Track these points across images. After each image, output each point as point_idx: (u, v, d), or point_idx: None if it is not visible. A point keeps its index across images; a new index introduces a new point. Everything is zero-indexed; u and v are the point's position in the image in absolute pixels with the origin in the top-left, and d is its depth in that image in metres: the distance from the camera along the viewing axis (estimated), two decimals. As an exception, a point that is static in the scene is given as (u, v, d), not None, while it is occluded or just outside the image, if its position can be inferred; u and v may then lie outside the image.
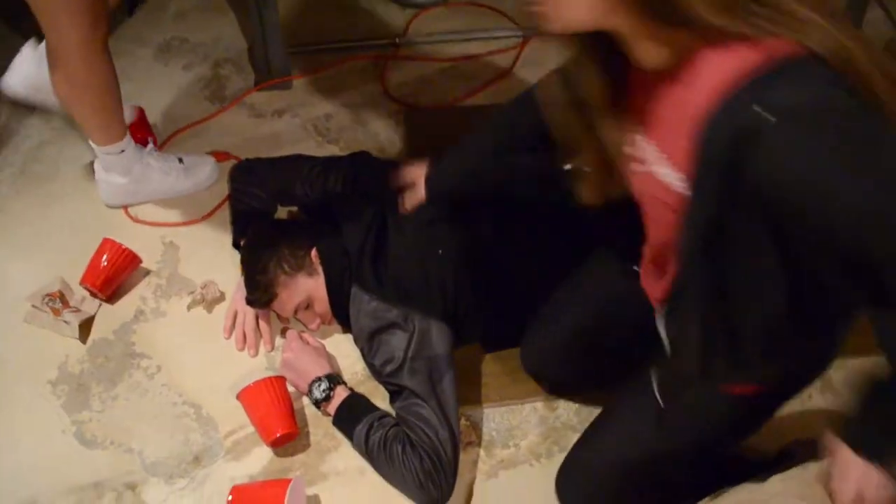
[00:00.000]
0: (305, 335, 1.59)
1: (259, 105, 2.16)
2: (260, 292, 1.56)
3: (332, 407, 1.48)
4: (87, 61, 1.55)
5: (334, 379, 1.50)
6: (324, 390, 1.48)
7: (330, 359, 1.58)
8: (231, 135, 2.09)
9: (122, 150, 1.76)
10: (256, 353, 1.64)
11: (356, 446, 1.46)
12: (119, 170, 1.81)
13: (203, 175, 1.94)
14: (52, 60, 1.57)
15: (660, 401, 1.22)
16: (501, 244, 1.55)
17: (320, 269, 1.57)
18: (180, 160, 1.90)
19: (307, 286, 1.56)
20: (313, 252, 1.57)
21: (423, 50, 2.33)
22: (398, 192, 1.57)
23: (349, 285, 1.54)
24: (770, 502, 0.88)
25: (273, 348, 1.65)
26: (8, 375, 1.59)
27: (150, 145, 1.90)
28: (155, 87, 2.20)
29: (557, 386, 1.58)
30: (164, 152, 1.93)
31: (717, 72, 0.77)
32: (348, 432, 1.46)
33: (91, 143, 1.74)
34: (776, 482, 0.93)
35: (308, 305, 1.59)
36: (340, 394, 1.48)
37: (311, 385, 1.49)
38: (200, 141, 2.07)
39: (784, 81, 0.73)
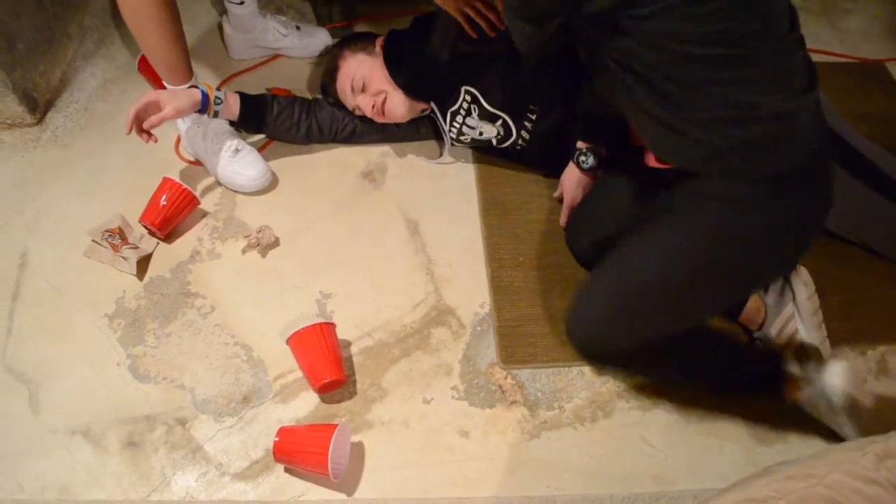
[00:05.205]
0: None
1: (320, 51, 2.15)
2: (328, 61, 1.83)
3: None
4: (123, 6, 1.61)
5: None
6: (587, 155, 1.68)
7: None
8: (290, 77, 2.09)
9: None
10: (148, 139, 1.67)
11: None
12: None
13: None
14: None
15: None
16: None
17: (381, 52, 1.75)
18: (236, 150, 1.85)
19: (364, 63, 1.75)
20: (378, 39, 1.78)
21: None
22: None
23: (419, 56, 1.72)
24: (829, 479, 0.83)
25: (151, 127, 1.64)
26: (67, 307, 1.63)
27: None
28: (217, 29, 2.20)
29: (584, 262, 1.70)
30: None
31: None
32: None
33: None
34: (837, 452, 0.88)
35: (364, 87, 1.75)
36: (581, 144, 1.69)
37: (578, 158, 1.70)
38: (260, 82, 2.07)
39: None
